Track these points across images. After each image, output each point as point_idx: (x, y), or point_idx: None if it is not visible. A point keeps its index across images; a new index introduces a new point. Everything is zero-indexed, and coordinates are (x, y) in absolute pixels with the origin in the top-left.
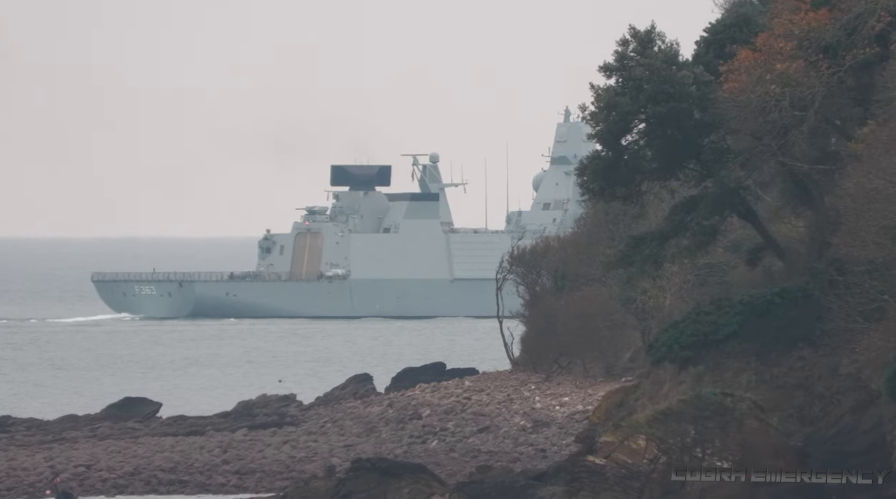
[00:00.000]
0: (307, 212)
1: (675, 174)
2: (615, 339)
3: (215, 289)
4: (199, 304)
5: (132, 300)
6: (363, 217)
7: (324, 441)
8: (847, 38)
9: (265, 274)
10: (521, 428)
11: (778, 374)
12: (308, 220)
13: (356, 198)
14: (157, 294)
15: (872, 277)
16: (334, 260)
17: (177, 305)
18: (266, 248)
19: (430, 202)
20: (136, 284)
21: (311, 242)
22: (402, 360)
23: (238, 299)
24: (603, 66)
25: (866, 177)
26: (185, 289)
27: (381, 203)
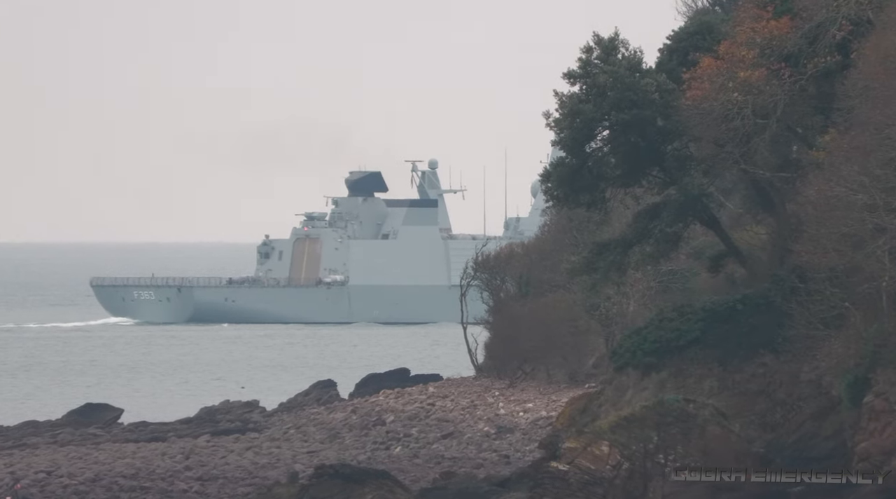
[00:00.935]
0: (306, 218)
1: (638, 181)
2: (579, 345)
3: (214, 294)
4: (198, 309)
5: (131, 305)
6: (362, 223)
7: (287, 447)
8: (808, 47)
9: (264, 280)
10: (485, 434)
11: (740, 380)
12: (307, 225)
13: (355, 204)
14: (155, 299)
15: (833, 284)
16: (333, 266)
17: (175, 310)
18: (265, 253)
19: (429, 208)
20: (135, 289)
21: (309, 247)
22: (371, 366)
23: (236, 305)
24: (567, 72)
25: (827, 184)
26: (184, 294)
27: (379, 209)
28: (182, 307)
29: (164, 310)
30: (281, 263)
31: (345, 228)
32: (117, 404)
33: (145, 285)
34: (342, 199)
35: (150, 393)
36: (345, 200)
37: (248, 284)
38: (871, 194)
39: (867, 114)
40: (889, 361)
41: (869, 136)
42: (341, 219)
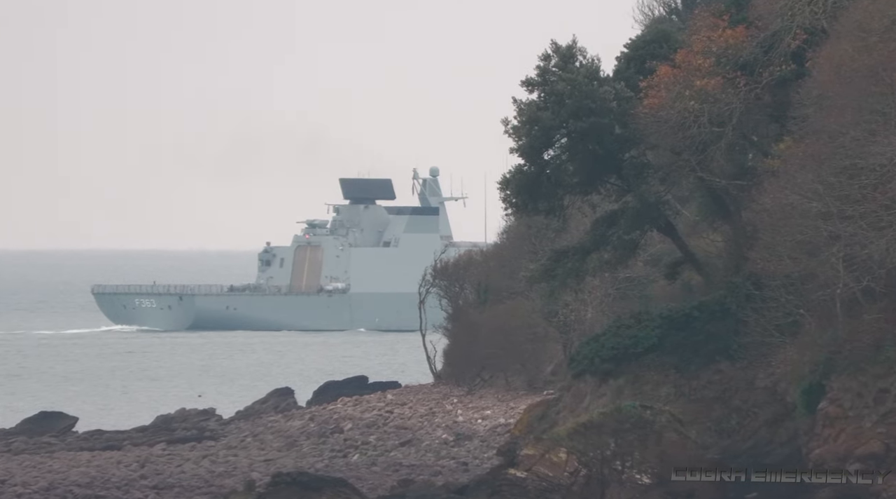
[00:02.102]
0: (307, 225)
1: (596, 189)
2: (537, 352)
3: (215, 302)
4: (199, 317)
5: (132, 313)
6: (363, 231)
7: (244, 455)
8: (764, 56)
9: (265, 287)
10: (443, 441)
11: (696, 387)
12: (308, 233)
13: (356, 211)
14: (156, 307)
15: (788, 291)
16: (334, 273)
17: (177, 318)
18: (266, 260)
19: (430, 216)
20: (137, 296)
21: (311, 255)
22: (335, 373)
23: (238, 312)
24: (525, 80)
25: (782, 192)
26: (185, 302)
27: (381, 217)
28: (183, 315)
29: (165, 318)
30: (282, 270)
31: (346, 236)
32: (72, 412)
33: (146, 293)
34: (343, 206)
35: (105, 401)
36: (346, 208)
37: (250, 291)
38: (826, 202)
39: (821, 122)
40: (843, 368)
41: (823, 144)
42: (342, 226)
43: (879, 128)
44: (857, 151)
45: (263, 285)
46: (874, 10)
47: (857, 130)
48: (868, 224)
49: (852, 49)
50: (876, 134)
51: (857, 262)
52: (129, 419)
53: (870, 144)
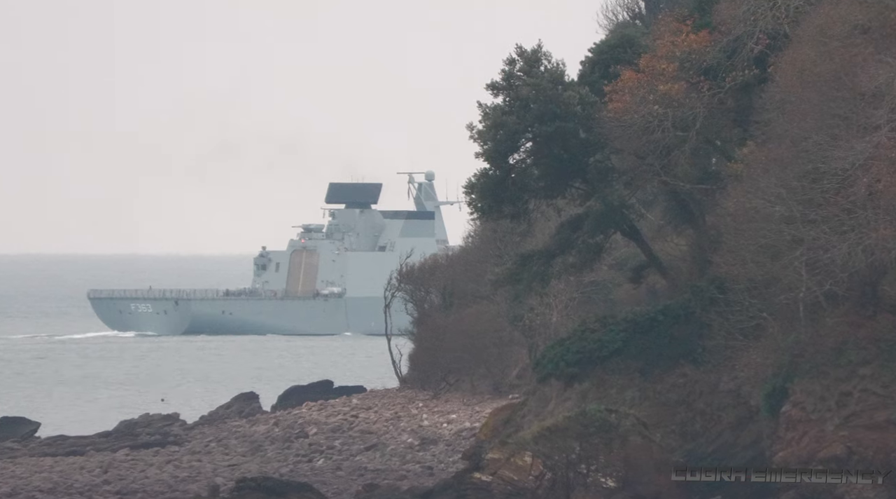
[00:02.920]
0: (303, 229)
1: (561, 193)
2: (503, 356)
3: (211, 306)
4: (195, 321)
5: (128, 318)
6: (359, 235)
7: (208, 461)
8: (727, 61)
9: (261, 291)
10: (409, 446)
11: (661, 390)
12: (304, 237)
13: (352, 216)
14: (153, 312)
15: (752, 295)
16: (330, 278)
17: (173, 322)
18: (261, 265)
19: (426, 220)
20: (133, 301)
21: (306, 259)
22: (303, 378)
23: (234, 317)
24: (490, 84)
25: (746, 196)
26: (181, 307)
27: (376, 221)
28: (179, 320)
29: (161, 322)
30: (278, 274)
31: (342, 240)
32: (35, 417)
33: (142, 298)
34: (339, 211)
35: (69, 406)
36: (342, 212)
37: (245, 296)
38: (789, 206)
39: (784, 127)
40: (806, 371)
41: (786, 148)
42: (338, 231)
43: (841, 132)
44: (819, 156)
45: (259, 290)
46: (836, 15)
47: (819, 134)
48: (830, 228)
49: (814, 54)
50: (838, 138)
51: (819, 266)
52: (93, 425)
53: (832, 149)
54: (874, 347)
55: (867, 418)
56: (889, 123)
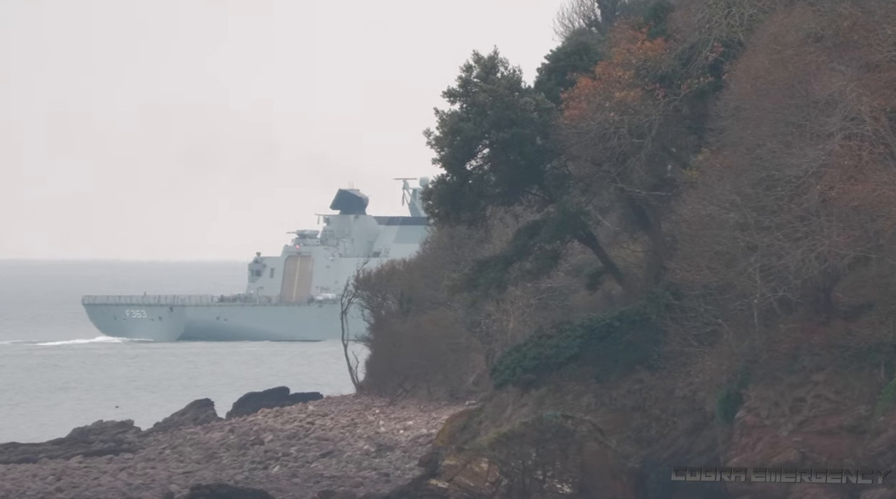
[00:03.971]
0: (298, 235)
1: (518, 199)
2: (459, 362)
3: (206, 313)
4: (190, 327)
5: (123, 324)
6: (353, 241)
7: (162, 468)
8: (682, 68)
9: (255, 298)
10: (365, 452)
11: (617, 396)
12: (299, 243)
13: (347, 222)
14: (147, 318)
15: (707, 301)
16: (324, 284)
17: (167, 328)
18: (256, 271)
19: (420, 226)
20: (127, 307)
21: (301, 265)
22: (263, 384)
23: (228, 323)
24: (447, 91)
25: (701, 203)
26: (176, 313)
27: (371, 227)
28: (174, 326)
29: (155, 328)
30: (272, 280)
31: (336, 246)
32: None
33: (137, 304)
34: (333, 216)
35: (21, 412)
36: (336, 218)
37: (240, 302)
38: (743, 213)
39: (738, 134)
40: (760, 377)
41: (740, 155)
42: (333, 237)
43: (795, 140)
44: (773, 163)
45: (254, 296)
46: (789, 23)
47: (773, 141)
48: (784, 235)
49: (768, 62)
50: (791, 146)
51: (773, 272)
52: (46, 432)
53: (786, 156)
54: (827, 354)
55: (820, 424)
56: (841, 131)
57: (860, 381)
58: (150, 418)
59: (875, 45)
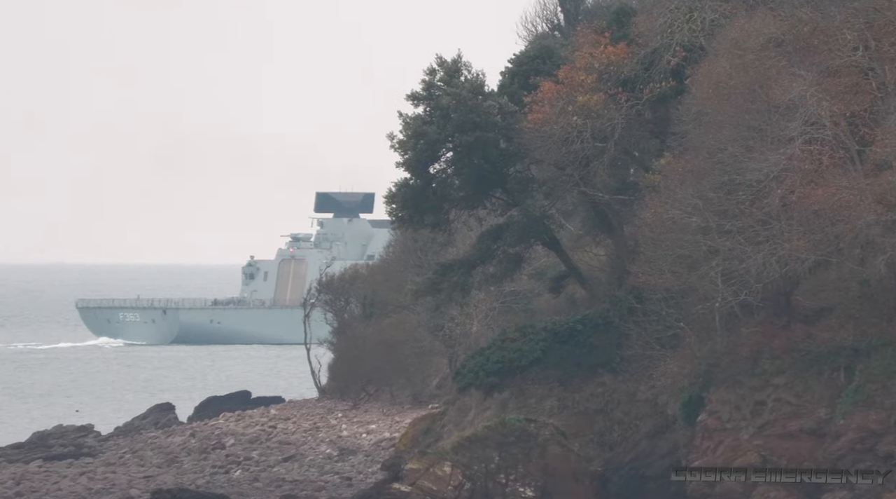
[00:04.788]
0: (291, 238)
1: (482, 203)
2: (423, 366)
3: (199, 316)
4: (183, 331)
5: (116, 327)
6: (347, 244)
7: (122, 472)
8: (644, 72)
9: (249, 301)
10: (327, 456)
11: (579, 400)
12: (292, 246)
13: (340, 225)
14: (140, 321)
15: (669, 304)
16: None
17: (161, 331)
18: (250, 274)
19: None
20: (121, 310)
21: (294, 268)
22: (215, 388)
23: (222, 326)
24: (410, 94)
25: (663, 207)
26: (170, 316)
27: (365, 230)
28: (167, 329)
29: (149, 331)
30: (266, 283)
31: (330, 249)
32: None
33: (130, 307)
34: (328, 220)
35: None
36: (330, 222)
37: (234, 305)
38: (705, 217)
39: (700, 138)
40: (722, 381)
41: (702, 160)
42: (326, 240)
43: (756, 144)
44: (734, 167)
45: (247, 299)
46: (750, 28)
47: (734, 146)
48: (745, 239)
49: (730, 67)
50: (753, 150)
51: (734, 276)
52: (4, 436)
53: (747, 160)
54: (788, 357)
55: (780, 427)
56: (802, 135)
57: (820, 384)
58: (111, 422)
59: (835, 50)
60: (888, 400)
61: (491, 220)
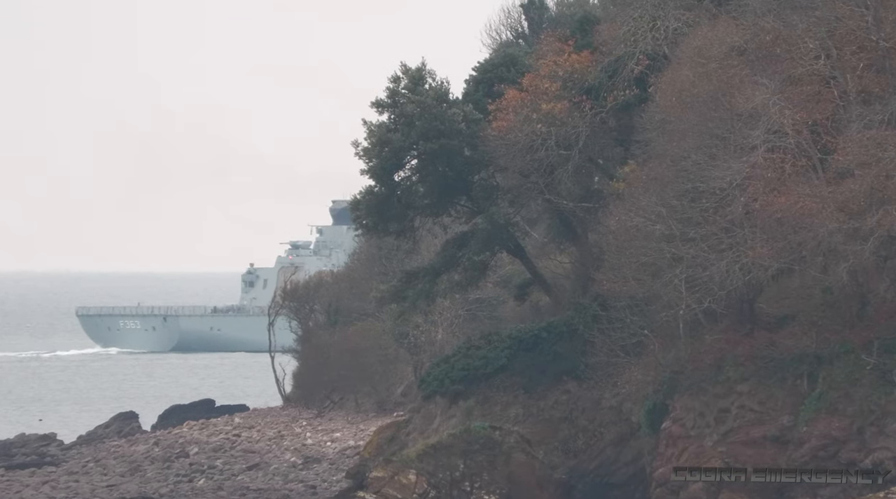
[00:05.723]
0: (291, 246)
1: (446, 210)
2: (388, 373)
3: (199, 323)
4: (184, 338)
5: (116, 335)
6: (346, 251)
7: (86, 481)
8: (608, 80)
9: (248, 308)
10: (292, 465)
11: (544, 407)
12: (292, 254)
13: (339, 232)
14: (141, 329)
15: (633, 312)
16: None
17: (161, 339)
18: (249, 281)
19: None
20: (121, 318)
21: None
22: (178, 397)
23: (222, 334)
24: (375, 102)
25: (627, 215)
26: (170, 323)
27: None
28: (167, 336)
29: (149, 339)
30: (265, 291)
31: (329, 257)
32: None
33: (131, 315)
34: (326, 227)
35: None
36: (329, 229)
37: (233, 312)
38: (669, 225)
39: (664, 146)
40: (686, 388)
41: (666, 167)
42: (325, 247)
43: (719, 152)
44: (698, 175)
45: (247, 306)
46: (713, 37)
47: (698, 154)
48: (709, 246)
49: (693, 75)
50: (716, 158)
51: (698, 283)
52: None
53: (710, 168)
54: (751, 364)
55: (744, 434)
56: (765, 144)
57: (783, 391)
58: (74, 430)
59: (797, 59)
60: (850, 407)
61: (456, 227)
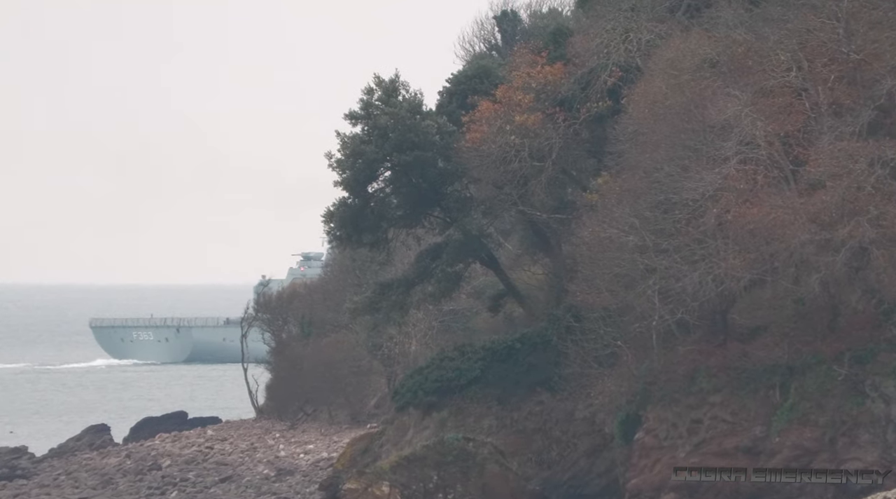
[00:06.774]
0: (302, 257)
1: (420, 222)
2: (361, 385)
3: (212, 334)
4: (196, 349)
5: (130, 346)
6: None
7: (57, 494)
8: (581, 92)
9: None
10: (265, 477)
11: (518, 418)
12: (304, 265)
13: None
14: (154, 340)
15: (606, 323)
16: None
17: (174, 350)
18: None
19: None
20: (134, 329)
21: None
22: (150, 409)
23: (235, 344)
24: (348, 113)
25: (600, 226)
26: (183, 334)
27: None
28: (180, 347)
29: (162, 350)
30: None
31: None
32: None
33: (144, 326)
34: None
35: None
36: None
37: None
38: (642, 236)
39: (637, 158)
40: (659, 399)
41: (639, 179)
42: None
43: (692, 164)
44: (670, 187)
45: None
46: (685, 49)
47: (670, 165)
48: (682, 258)
49: (665, 87)
50: (688, 170)
51: (671, 294)
52: None
53: (683, 180)
54: (724, 375)
55: (716, 445)
56: (737, 155)
57: (756, 402)
58: (45, 443)
59: (769, 71)
60: (822, 418)
61: (429, 239)
